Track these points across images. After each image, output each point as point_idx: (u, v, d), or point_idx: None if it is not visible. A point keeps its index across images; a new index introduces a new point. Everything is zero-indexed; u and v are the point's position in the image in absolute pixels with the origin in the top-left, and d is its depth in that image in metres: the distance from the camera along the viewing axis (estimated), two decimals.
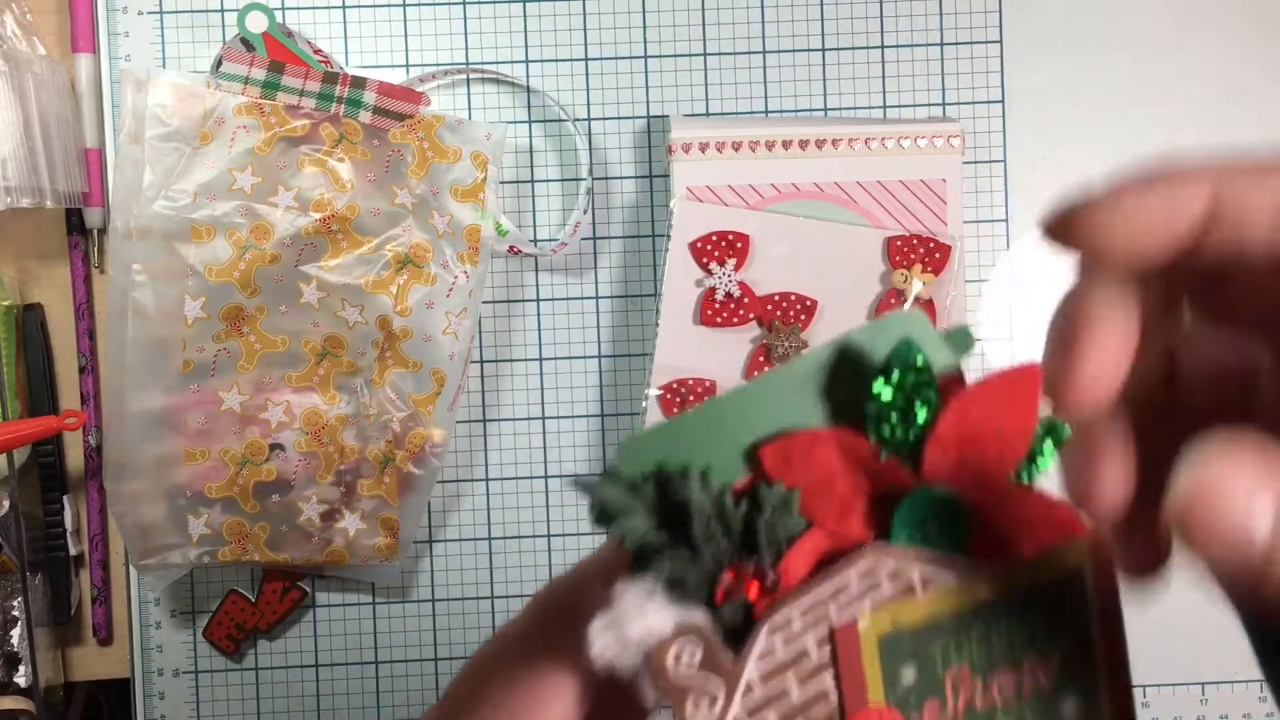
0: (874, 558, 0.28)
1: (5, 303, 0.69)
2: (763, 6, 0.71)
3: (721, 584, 0.28)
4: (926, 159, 0.69)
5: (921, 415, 0.28)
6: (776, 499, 0.28)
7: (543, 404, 0.72)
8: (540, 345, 0.72)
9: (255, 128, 0.66)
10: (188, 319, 0.66)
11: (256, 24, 0.67)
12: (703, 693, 0.27)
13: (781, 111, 0.71)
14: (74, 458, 0.72)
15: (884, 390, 0.28)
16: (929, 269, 0.68)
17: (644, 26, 0.71)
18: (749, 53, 0.71)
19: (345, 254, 0.67)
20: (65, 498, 0.70)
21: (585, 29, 0.71)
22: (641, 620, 0.27)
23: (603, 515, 0.28)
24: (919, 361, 0.28)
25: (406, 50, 0.71)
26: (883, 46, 0.72)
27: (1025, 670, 0.29)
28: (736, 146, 0.69)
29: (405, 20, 0.71)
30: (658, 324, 0.69)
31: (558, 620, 0.31)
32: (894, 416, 0.28)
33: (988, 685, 0.29)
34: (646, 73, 0.71)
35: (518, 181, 0.72)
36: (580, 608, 0.28)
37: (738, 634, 0.27)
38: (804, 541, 0.28)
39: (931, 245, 0.68)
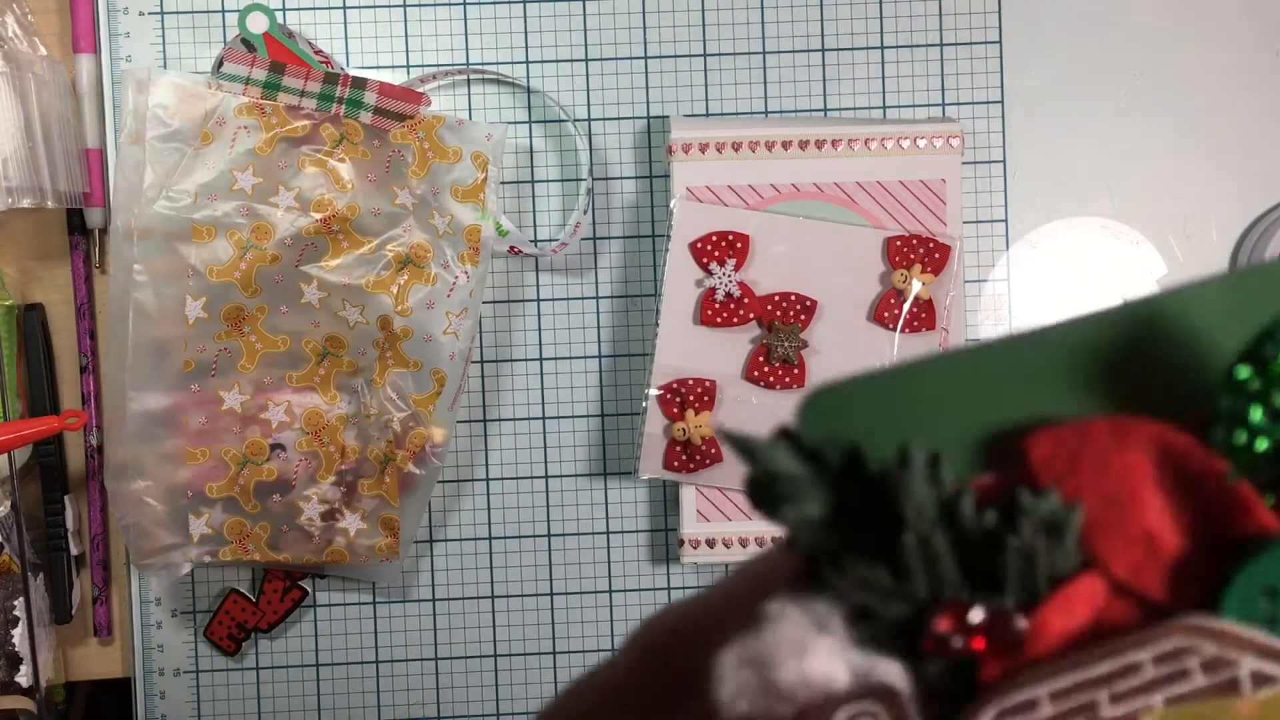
0: (1186, 636, 0.18)
1: (6, 302, 0.69)
2: (763, 6, 0.72)
3: (933, 626, 0.18)
4: (926, 159, 0.69)
5: None
6: (1045, 514, 0.18)
7: (543, 404, 0.72)
8: (540, 345, 0.72)
9: (256, 128, 0.66)
10: (189, 319, 0.66)
11: (257, 24, 0.67)
12: None
13: (781, 112, 0.72)
14: (75, 458, 0.72)
15: (1250, 377, 0.18)
16: (928, 269, 0.68)
17: (644, 26, 0.72)
18: (749, 53, 0.71)
19: (346, 254, 0.67)
20: (66, 498, 0.70)
21: (585, 29, 0.71)
22: (801, 661, 0.17)
23: (767, 494, 0.18)
24: None
25: (407, 51, 0.71)
26: (882, 47, 0.72)
27: None
28: (736, 147, 0.69)
29: (406, 21, 0.71)
30: (658, 324, 0.69)
31: (669, 666, 0.21)
32: (1260, 416, 0.18)
33: None
34: (646, 73, 0.72)
35: (518, 182, 0.72)
36: (705, 641, 0.19)
37: (944, 703, 0.18)
38: (1078, 587, 0.19)
39: (931, 245, 0.68)
